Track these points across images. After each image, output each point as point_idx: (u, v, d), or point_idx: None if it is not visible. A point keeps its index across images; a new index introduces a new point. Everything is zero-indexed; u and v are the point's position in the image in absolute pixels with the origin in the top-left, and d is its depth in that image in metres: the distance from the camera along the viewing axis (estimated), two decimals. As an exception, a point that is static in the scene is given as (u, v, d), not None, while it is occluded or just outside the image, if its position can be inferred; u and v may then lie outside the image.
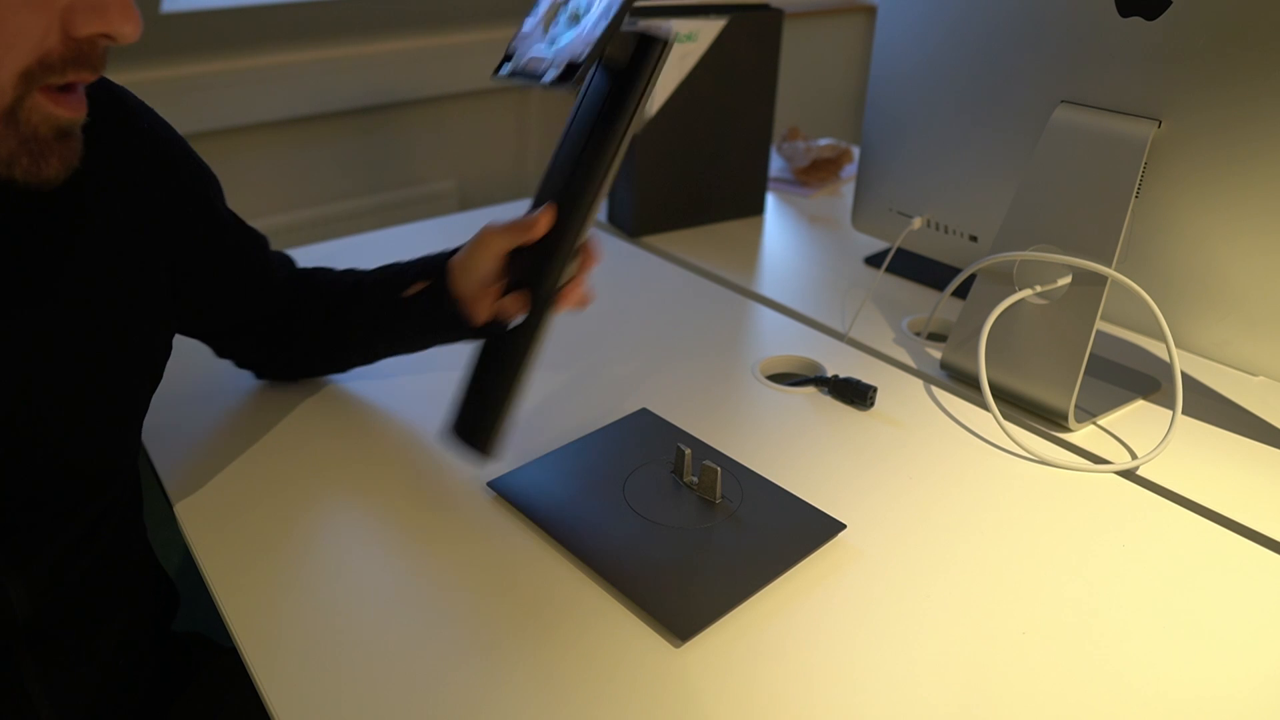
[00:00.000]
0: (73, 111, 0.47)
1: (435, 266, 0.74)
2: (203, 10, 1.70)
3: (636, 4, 1.22)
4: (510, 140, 2.24)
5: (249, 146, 1.84)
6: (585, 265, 0.67)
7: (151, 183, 0.63)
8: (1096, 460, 0.80)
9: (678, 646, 0.59)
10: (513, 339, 0.66)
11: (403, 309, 0.76)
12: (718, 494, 0.71)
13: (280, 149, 1.90)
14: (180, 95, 1.70)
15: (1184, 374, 0.92)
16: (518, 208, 1.36)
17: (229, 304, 0.75)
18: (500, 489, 0.72)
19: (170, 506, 0.72)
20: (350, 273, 0.82)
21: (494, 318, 0.68)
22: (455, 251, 0.73)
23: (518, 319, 0.66)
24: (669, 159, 1.23)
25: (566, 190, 0.65)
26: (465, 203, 2.22)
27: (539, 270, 0.66)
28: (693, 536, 0.67)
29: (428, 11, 1.98)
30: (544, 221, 0.65)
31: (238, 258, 0.74)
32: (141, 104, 0.65)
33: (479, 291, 0.71)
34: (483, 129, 2.18)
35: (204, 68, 1.73)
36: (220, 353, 0.83)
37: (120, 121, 0.61)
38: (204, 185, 0.69)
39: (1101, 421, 0.85)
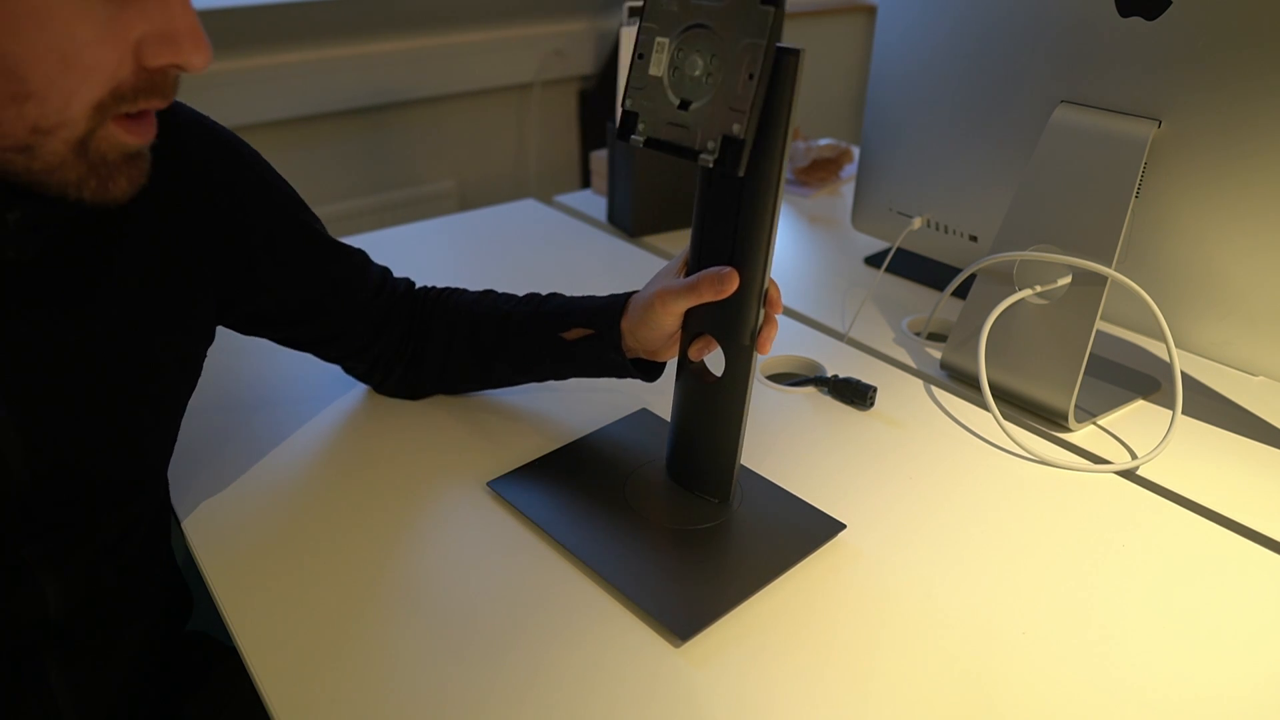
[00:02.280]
0: (142, 138, 0.48)
1: (601, 318, 0.73)
2: (203, 10, 1.70)
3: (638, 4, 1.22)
4: (510, 140, 2.24)
5: (249, 146, 1.84)
6: (771, 312, 0.65)
7: (196, 188, 0.62)
8: (1096, 460, 0.80)
9: (677, 646, 0.59)
10: (725, 393, 0.66)
11: (565, 350, 0.76)
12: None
13: (280, 149, 1.91)
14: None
15: (1184, 374, 0.92)
16: (518, 207, 1.37)
17: (297, 311, 0.73)
18: (500, 489, 0.72)
19: (172, 508, 0.72)
20: (489, 298, 0.81)
21: (684, 363, 0.69)
22: (619, 304, 0.73)
23: (714, 368, 0.67)
24: (669, 159, 1.23)
25: (737, 241, 0.62)
26: (465, 203, 2.22)
27: (733, 323, 0.64)
28: (693, 536, 0.67)
29: (428, 11, 1.98)
30: (734, 281, 0.63)
31: (303, 265, 0.72)
32: (191, 110, 0.63)
33: (660, 346, 0.71)
34: (483, 129, 2.18)
35: (204, 68, 1.73)
36: (340, 364, 0.83)
37: (167, 129, 0.60)
38: (257, 189, 0.67)
39: (1101, 421, 0.85)
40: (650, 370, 0.75)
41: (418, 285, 0.83)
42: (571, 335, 0.75)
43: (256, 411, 0.83)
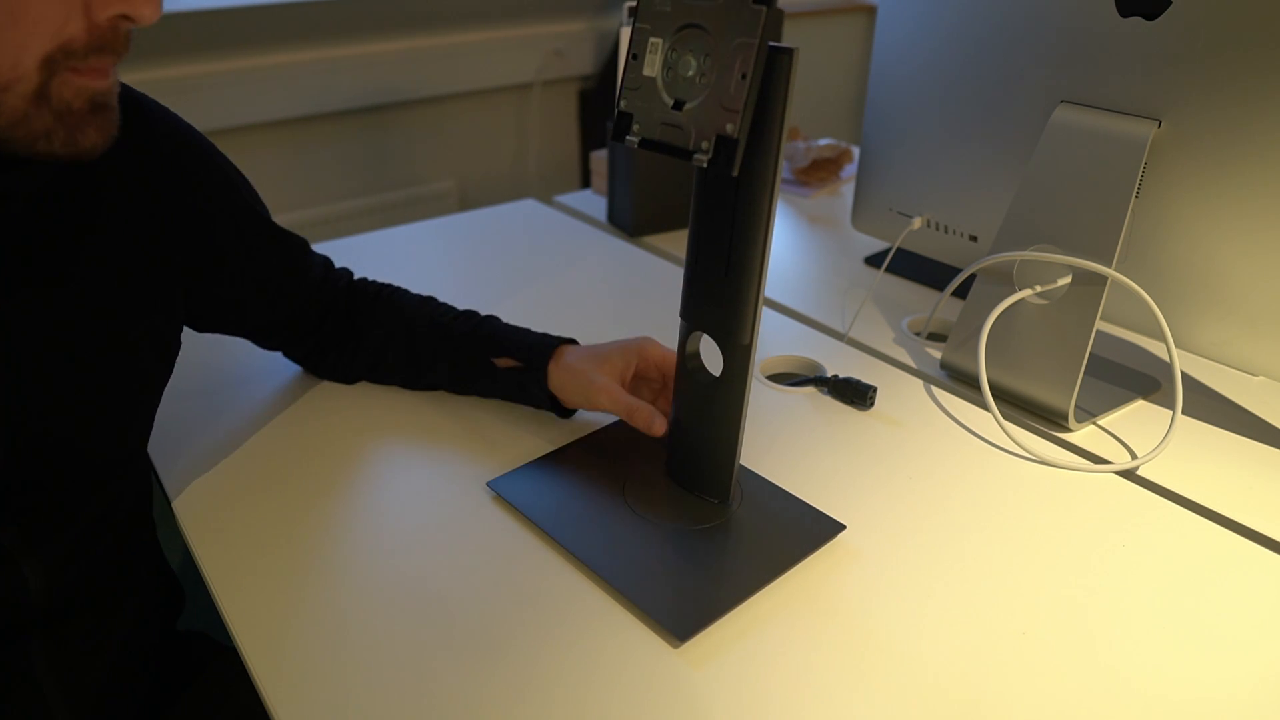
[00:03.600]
0: (102, 80, 0.48)
1: (531, 355, 0.78)
2: (203, 10, 1.69)
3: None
4: (510, 140, 2.24)
5: (249, 146, 1.84)
6: (651, 433, 0.73)
7: (166, 180, 0.63)
8: (1096, 460, 0.79)
9: (676, 647, 0.59)
10: (723, 392, 0.67)
11: (492, 374, 0.80)
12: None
13: (280, 149, 1.90)
14: (180, 95, 1.70)
15: (1184, 374, 0.92)
16: (518, 207, 1.37)
17: (253, 302, 0.76)
18: (500, 489, 0.72)
19: (169, 505, 0.72)
20: (429, 307, 0.84)
21: (682, 363, 0.70)
22: (550, 348, 0.78)
23: (712, 368, 0.68)
24: (669, 159, 1.23)
25: (734, 240, 0.62)
26: (465, 203, 2.22)
27: (731, 322, 0.64)
28: (692, 537, 0.67)
29: (428, 11, 1.98)
30: (661, 429, 0.72)
31: (261, 257, 0.74)
32: (161, 106, 0.65)
33: (579, 407, 0.78)
34: (483, 129, 2.18)
35: (204, 68, 1.73)
36: (269, 348, 0.85)
37: (138, 122, 0.62)
38: (223, 185, 0.69)
39: (1101, 421, 0.85)
40: (566, 411, 0.80)
41: (397, 284, 0.87)
42: (502, 363, 0.79)
43: (255, 410, 0.83)
